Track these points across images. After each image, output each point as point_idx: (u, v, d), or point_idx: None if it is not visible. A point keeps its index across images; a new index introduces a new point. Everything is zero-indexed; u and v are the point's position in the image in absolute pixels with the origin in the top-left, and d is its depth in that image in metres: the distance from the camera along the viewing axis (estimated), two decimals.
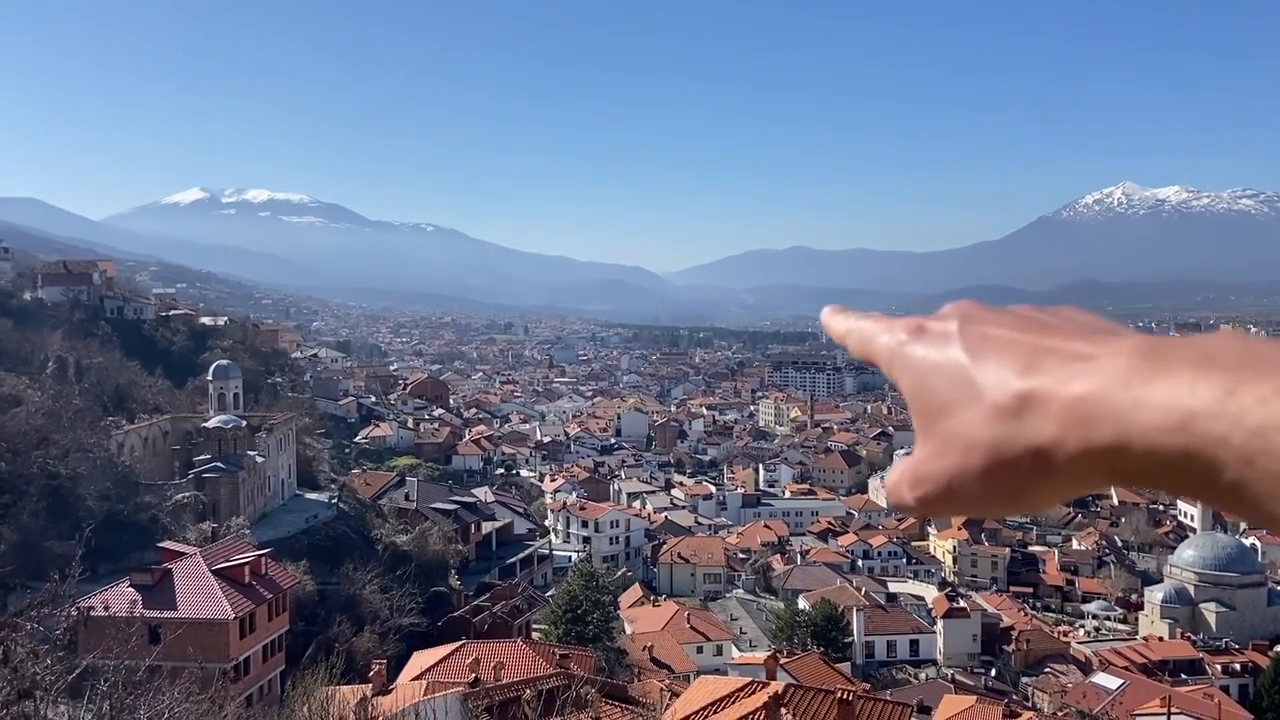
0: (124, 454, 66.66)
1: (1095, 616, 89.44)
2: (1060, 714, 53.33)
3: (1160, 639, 77.29)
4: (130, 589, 42.98)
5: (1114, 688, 58.92)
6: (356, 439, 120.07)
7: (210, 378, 77.14)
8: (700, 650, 64.85)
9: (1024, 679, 67.43)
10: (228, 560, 46.94)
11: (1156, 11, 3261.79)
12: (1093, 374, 0.91)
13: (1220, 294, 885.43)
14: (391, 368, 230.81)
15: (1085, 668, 67.66)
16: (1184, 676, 65.88)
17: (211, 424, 70.54)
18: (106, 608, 33.20)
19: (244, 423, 71.57)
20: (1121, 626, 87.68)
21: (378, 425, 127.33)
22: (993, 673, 68.32)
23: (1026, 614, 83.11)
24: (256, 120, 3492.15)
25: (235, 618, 43.27)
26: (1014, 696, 59.03)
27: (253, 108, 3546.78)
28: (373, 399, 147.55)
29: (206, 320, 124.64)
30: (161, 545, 50.80)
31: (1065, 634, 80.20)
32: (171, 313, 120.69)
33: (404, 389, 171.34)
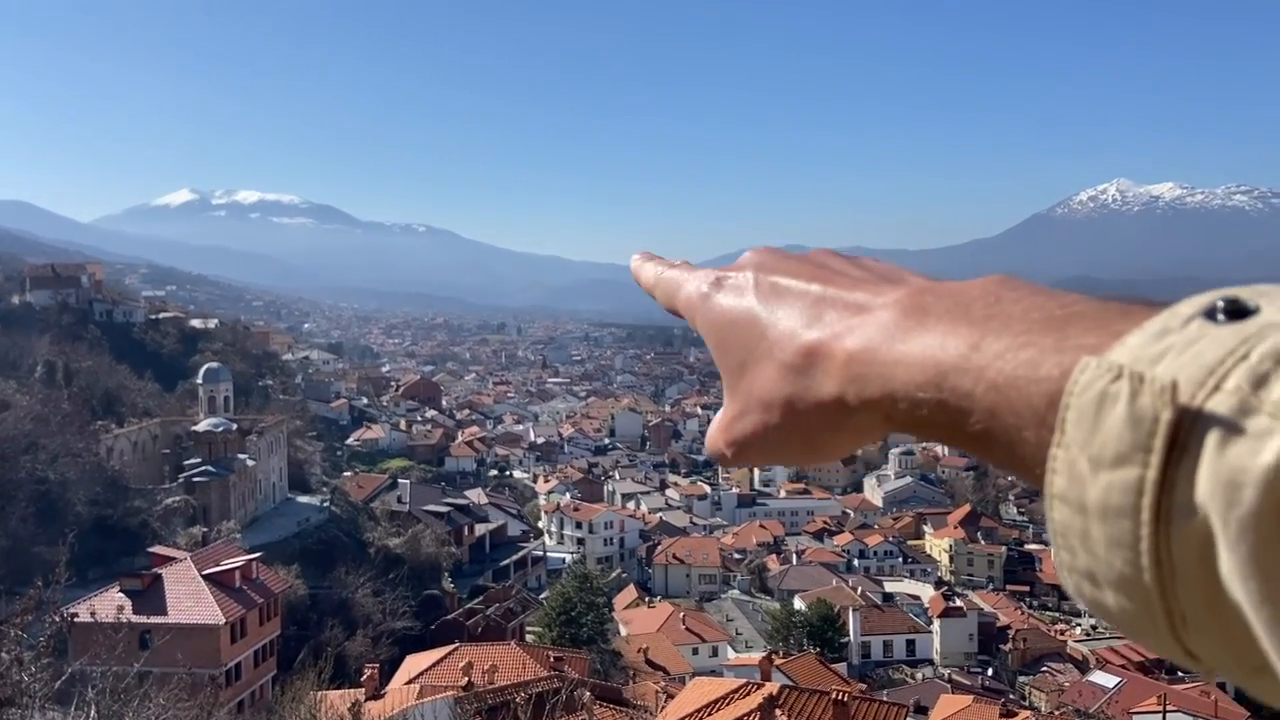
0: (113, 458, 66.20)
1: (1093, 615, 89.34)
2: (1057, 713, 53.08)
3: None
4: (120, 594, 42.59)
5: (1111, 686, 58.80)
6: (348, 441, 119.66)
7: (200, 381, 76.73)
8: (696, 652, 64.56)
9: (1021, 678, 67.31)
10: (218, 565, 46.61)
11: (1149, 9, 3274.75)
12: (864, 327, 0.94)
13: (1214, 290, 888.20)
14: (383, 369, 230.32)
15: (1082, 666, 67.57)
16: (1181, 674, 65.75)
17: (202, 427, 70.09)
18: (93, 613, 32.80)
19: (234, 426, 71.15)
20: None
21: (370, 427, 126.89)
22: (989, 672, 68.15)
23: (1023, 613, 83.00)
24: (246, 121, 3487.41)
25: (226, 623, 42.92)
26: (1011, 695, 58.82)
27: (243, 108, 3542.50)
28: (365, 401, 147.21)
29: (197, 323, 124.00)
30: (151, 550, 50.48)
31: (1062, 632, 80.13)
32: (161, 315, 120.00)
33: (396, 390, 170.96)
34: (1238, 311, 0.70)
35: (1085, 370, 0.71)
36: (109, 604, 39.54)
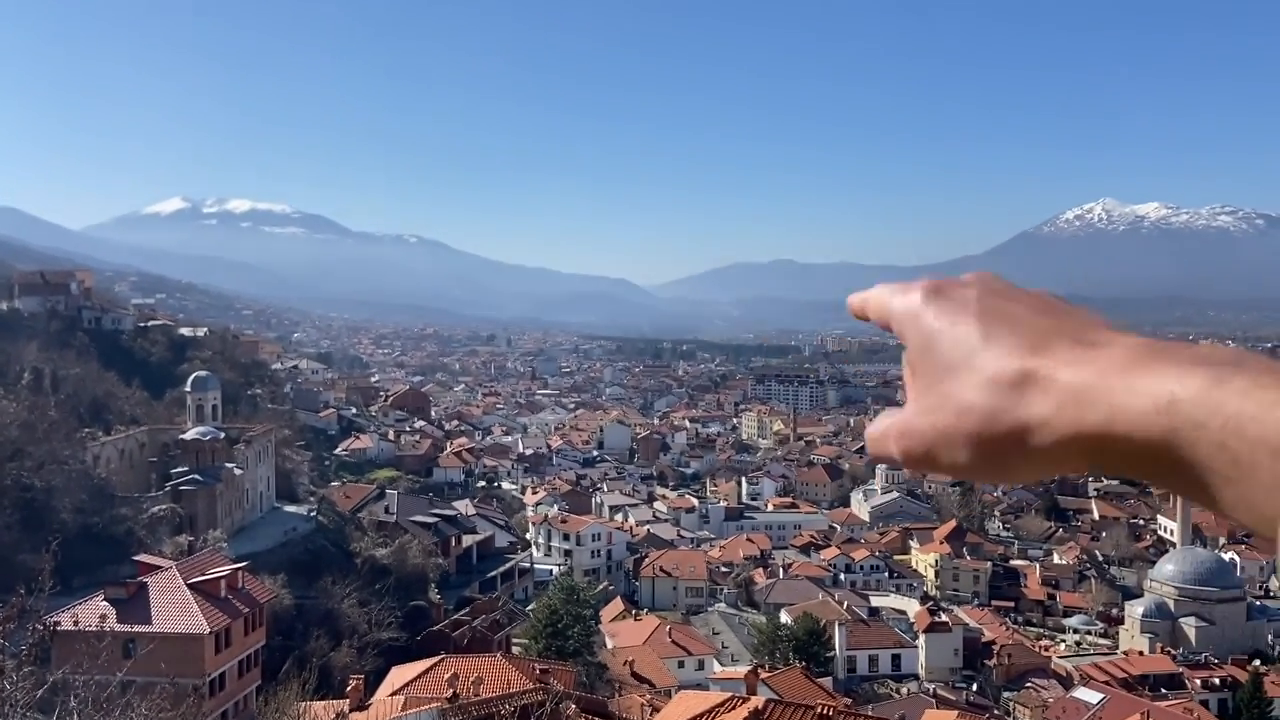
0: (100, 466, 65.87)
1: (1076, 631, 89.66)
2: None
3: (1140, 653, 77.54)
4: (104, 602, 42.25)
5: (1094, 702, 58.96)
6: (337, 451, 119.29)
7: (189, 389, 76.41)
8: (682, 665, 64.52)
9: (1005, 693, 67.44)
10: (204, 574, 46.38)
11: (1137, 30, 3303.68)
12: (1094, 361, 0.99)
13: (1199, 309, 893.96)
14: (373, 379, 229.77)
15: (1066, 682, 67.77)
16: (1164, 691, 66.07)
17: (189, 436, 69.85)
18: (77, 622, 32.70)
19: (222, 434, 70.90)
20: (1102, 641, 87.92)
21: (358, 437, 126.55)
22: (974, 687, 68.28)
23: (1008, 628, 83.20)
24: (239, 130, 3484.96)
25: (210, 632, 42.70)
26: (995, 711, 59.07)
27: (236, 117, 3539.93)
28: (353, 411, 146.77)
29: (185, 331, 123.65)
30: (137, 558, 50.12)
31: (1046, 648, 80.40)
32: (150, 323, 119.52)
33: (385, 401, 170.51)
34: None
35: None
36: (93, 612, 39.33)
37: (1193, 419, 0.87)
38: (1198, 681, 69.17)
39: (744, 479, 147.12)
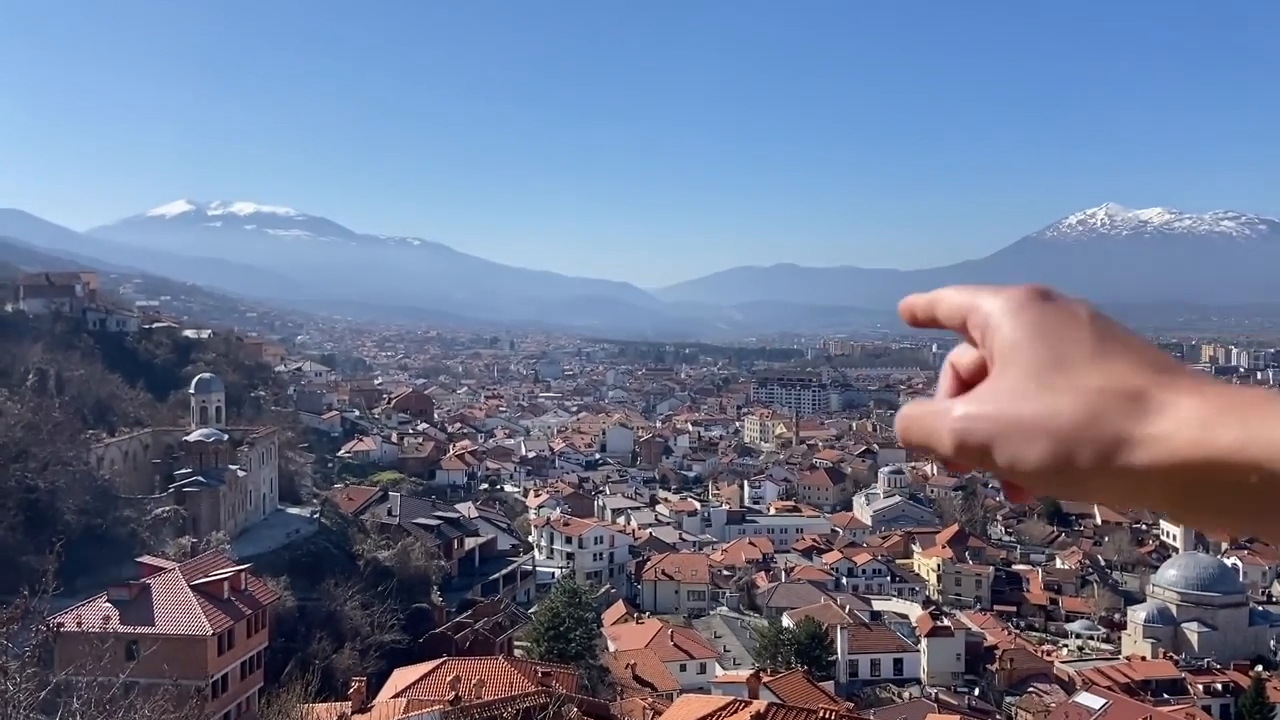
0: (104, 467, 65.98)
1: (1078, 636, 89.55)
2: None
3: (1143, 659, 77.43)
4: (107, 604, 42.39)
5: (1097, 707, 58.88)
6: (340, 453, 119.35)
7: (192, 391, 76.57)
8: (684, 668, 64.53)
9: (1007, 698, 67.35)
10: (207, 575, 46.48)
11: (1139, 34, 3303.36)
12: (1220, 394, 1.00)
13: (1202, 315, 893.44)
14: (376, 381, 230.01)
15: (1068, 687, 67.66)
16: (1166, 696, 65.96)
17: (193, 437, 69.97)
18: (80, 623, 32.81)
19: (226, 436, 71.01)
20: (1105, 646, 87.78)
21: (361, 439, 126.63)
22: (976, 692, 68.22)
23: (1010, 633, 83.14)
24: (244, 133, 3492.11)
25: (213, 634, 42.79)
26: (997, 716, 59.07)
27: (240, 120, 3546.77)
28: (356, 413, 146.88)
29: (190, 333, 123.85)
30: (140, 560, 50.23)
31: (1049, 653, 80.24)
32: (154, 325, 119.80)
33: (388, 403, 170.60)
34: None
35: None
36: (96, 614, 39.45)
37: None
38: (1200, 687, 69.08)
39: (746, 482, 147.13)
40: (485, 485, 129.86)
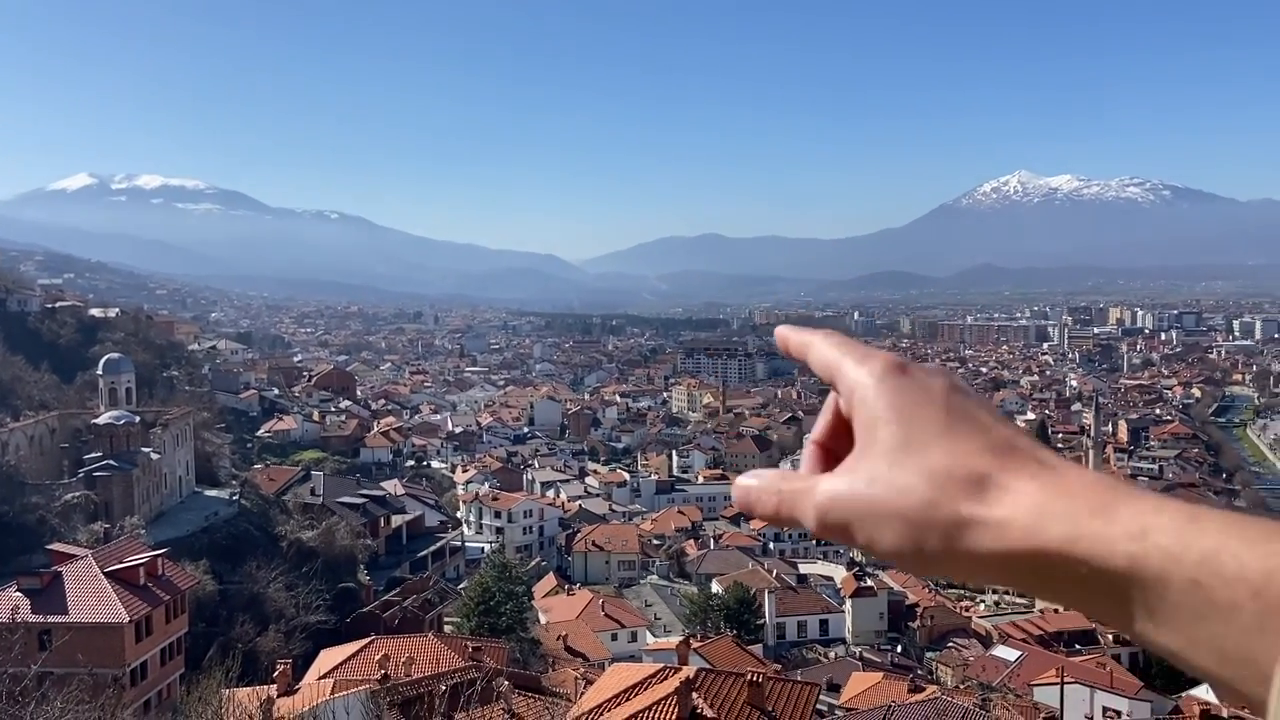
0: (8, 453, 63.52)
1: (995, 591, 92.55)
2: (962, 686, 55.07)
3: (1055, 611, 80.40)
4: (17, 593, 41.04)
5: (1013, 659, 61.21)
6: (259, 433, 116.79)
7: (100, 372, 74.01)
8: (615, 638, 65.02)
9: (928, 654, 69.53)
10: (121, 562, 45.21)
11: (1045, 6, 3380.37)
12: (1059, 481, 0.99)
13: (1109, 278, 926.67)
14: (295, 359, 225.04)
15: (986, 641, 70.12)
16: (1078, 646, 68.68)
17: (102, 420, 67.71)
18: None
19: (137, 419, 68.89)
20: (1020, 600, 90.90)
21: (281, 419, 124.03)
22: (898, 649, 70.21)
23: (931, 591, 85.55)
24: (148, 103, 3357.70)
25: (130, 621, 41.68)
26: (919, 671, 60.76)
27: (144, 89, 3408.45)
28: (276, 391, 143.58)
29: (96, 312, 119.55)
30: (50, 547, 48.66)
31: (967, 609, 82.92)
32: (58, 304, 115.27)
33: (309, 381, 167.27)
34: None
35: None
36: (4, 604, 38.14)
37: (1167, 551, 0.86)
38: (1110, 636, 72.02)
39: (674, 452, 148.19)
40: (412, 462, 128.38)
